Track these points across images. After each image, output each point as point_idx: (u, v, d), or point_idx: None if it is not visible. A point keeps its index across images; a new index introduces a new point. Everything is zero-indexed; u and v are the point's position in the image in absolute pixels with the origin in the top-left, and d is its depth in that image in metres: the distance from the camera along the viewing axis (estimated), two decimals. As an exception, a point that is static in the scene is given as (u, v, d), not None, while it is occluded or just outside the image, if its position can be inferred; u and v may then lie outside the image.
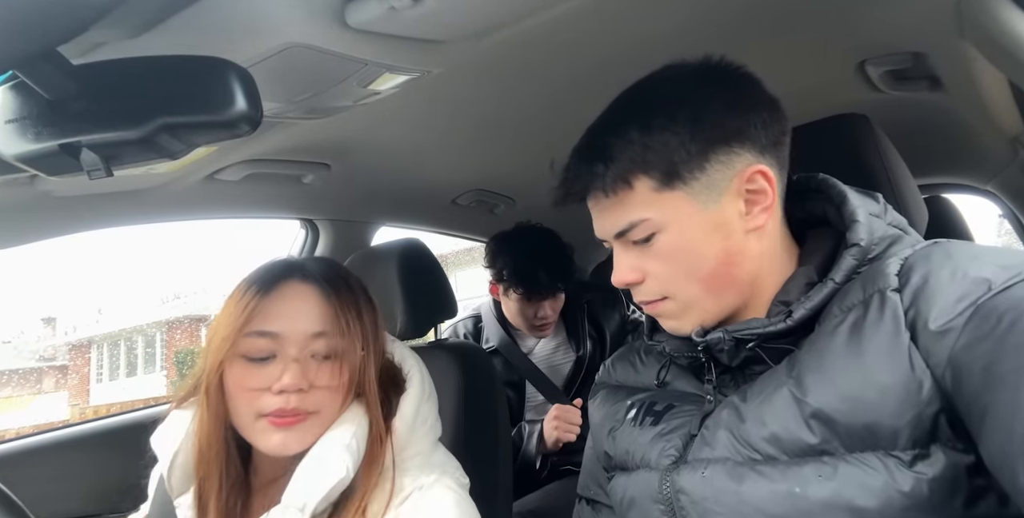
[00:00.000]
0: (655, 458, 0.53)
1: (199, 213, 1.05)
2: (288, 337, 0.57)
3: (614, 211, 0.52)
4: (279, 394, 0.55)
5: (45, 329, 6.36)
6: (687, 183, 0.50)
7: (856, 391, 0.43)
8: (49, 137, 0.44)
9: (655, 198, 0.50)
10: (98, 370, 6.41)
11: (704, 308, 0.52)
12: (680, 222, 0.50)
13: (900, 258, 0.47)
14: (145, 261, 11.85)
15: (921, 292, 0.43)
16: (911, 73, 0.86)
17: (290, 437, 0.56)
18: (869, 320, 0.45)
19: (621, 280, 0.54)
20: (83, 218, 0.89)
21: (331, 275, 0.62)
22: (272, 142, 0.87)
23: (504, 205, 1.51)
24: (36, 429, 0.97)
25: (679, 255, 0.51)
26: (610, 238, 0.54)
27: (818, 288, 0.49)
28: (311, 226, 1.31)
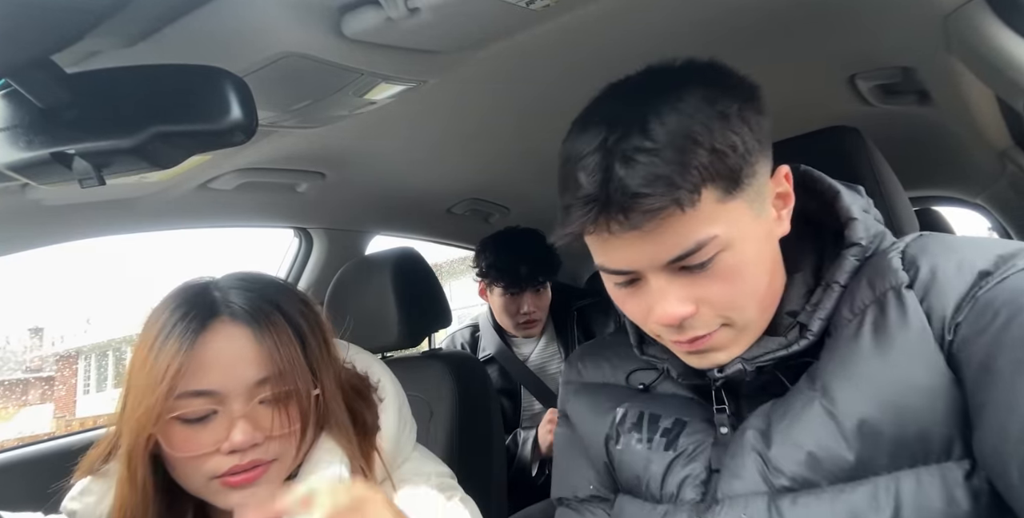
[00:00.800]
0: (677, 490, 0.47)
1: (192, 222, 1.05)
2: (228, 392, 0.49)
3: (673, 232, 0.42)
4: (230, 454, 0.48)
5: (32, 339, 6.26)
6: (744, 191, 0.43)
7: (897, 397, 0.39)
8: (41, 145, 0.44)
9: (720, 211, 0.42)
10: (85, 381, 6.30)
11: (755, 330, 0.47)
12: (744, 234, 0.44)
13: (897, 251, 0.45)
14: (135, 270, 11.75)
15: (932, 287, 0.41)
16: (900, 87, 0.88)
17: (250, 492, 0.49)
18: (892, 320, 0.41)
19: (676, 315, 0.43)
20: (74, 227, 0.88)
21: (258, 305, 0.51)
22: (267, 151, 0.87)
23: (498, 214, 1.51)
24: (20, 442, 0.94)
25: (743, 274, 0.44)
26: (651, 267, 0.44)
27: (826, 295, 0.46)
28: (305, 235, 1.30)
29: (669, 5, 0.62)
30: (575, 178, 0.43)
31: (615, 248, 0.44)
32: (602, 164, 0.41)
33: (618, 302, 0.49)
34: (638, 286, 0.46)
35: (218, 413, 0.49)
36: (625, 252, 0.44)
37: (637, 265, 0.44)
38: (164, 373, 0.47)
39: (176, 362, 0.47)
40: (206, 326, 0.49)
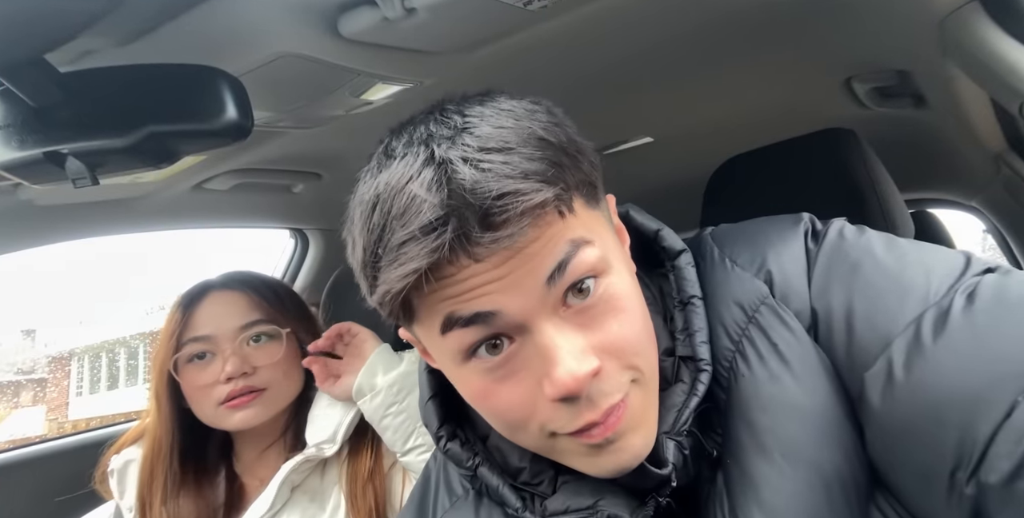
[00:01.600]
0: None
1: (187, 223, 1.04)
2: (218, 336, 0.68)
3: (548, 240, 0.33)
4: (227, 382, 0.66)
5: (24, 341, 6.22)
6: (599, 201, 0.37)
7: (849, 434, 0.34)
8: (34, 145, 0.43)
9: (588, 219, 0.35)
10: (78, 383, 6.27)
11: (656, 392, 0.37)
12: (616, 258, 0.36)
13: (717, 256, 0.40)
14: (129, 271, 11.69)
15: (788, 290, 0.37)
16: (896, 90, 0.88)
17: (249, 412, 0.67)
18: (789, 341, 0.36)
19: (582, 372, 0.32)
20: (67, 227, 0.87)
21: (246, 279, 0.73)
22: (262, 151, 0.86)
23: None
24: (11, 444, 0.94)
25: (630, 305, 0.35)
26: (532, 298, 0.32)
27: (691, 313, 0.38)
28: (301, 236, 1.29)
29: (666, 7, 0.62)
30: (401, 208, 0.31)
31: (473, 282, 0.32)
32: (439, 179, 0.31)
33: (482, 397, 0.36)
34: (511, 356, 0.34)
35: (215, 354, 0.67)
36: (492, 284, 0.32)
37: (515, 300, 0.32)
38: (172, 329, 0.68)
39: (179, 321, 0.68)
40: (201, 296, 0.70)
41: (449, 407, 0.42)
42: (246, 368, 0.66)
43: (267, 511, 0.64)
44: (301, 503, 0.67)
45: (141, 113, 0.43)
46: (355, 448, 0.69)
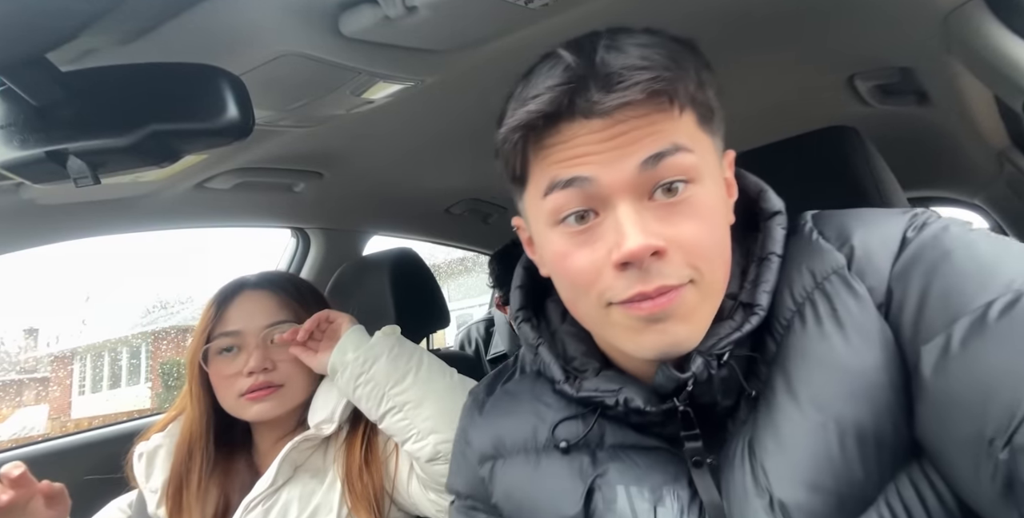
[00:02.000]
0: None
1: (188, 222, 1.04)
2: (246, 332, 0.73)
3: (654, 129, 0.37)
4: (249, 375, 0.71)
5: (27, 340, 6.25)
6: (714, 134, 0.40)
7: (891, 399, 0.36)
8: (35, 144, 0.43)
9: (696, 135, 0.39)
10: (80, 382, 6.29)
11: (715, 304, 0.40)
12: (711, 176, 0.39)
13: (814, 231, 0.42)
14: (131, 271, 11.72)
15: (868, 265, 0.39)
16: (899, 87, 0.88)
17: (266, 406, 0.72)
18: (852, 308, 0.38)
19: (647, 246, 0.36)
20: (69, 227, 0.88)
21: (277, 280, 0.79)
22: (264, 150, 0.86)
23: (497, 214, 1.51)
24: (14, 443, 0.94)
25: (715, 219, 0.39)
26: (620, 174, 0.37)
27: (765, 267, 0.41)
28: (302, 235, 1.29)
29: (668, 4, 0.62)
30: (542, 73, 0.38)
31: (579, 147, 0.37)
32: (577, 54, 0.37)
33: (565, 258, 0.40)
34: (592, 227, 0.38)
35: (241, 349, 0.73)
36: (592, 150, 0.37)
37: (605, 169, 0.37)
38: (206, 323, 0.74)
39: (213, 316, 0.74)
40: (236, 294, 0.75)
41: (531, 299, 0.49)
42: (267, 363, 0.72)
43: (269, 486, 0.69)
44: (302, 480, 0.71)
45: (143, 112, 0.42)
46: (352, 431, 0.74)
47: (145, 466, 0.73)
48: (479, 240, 1.76)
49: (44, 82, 0.41)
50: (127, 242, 6.74)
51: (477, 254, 1.98)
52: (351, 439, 0.73)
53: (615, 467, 0.44)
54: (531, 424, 0.48)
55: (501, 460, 0.49)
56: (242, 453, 0.76)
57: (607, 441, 0.45)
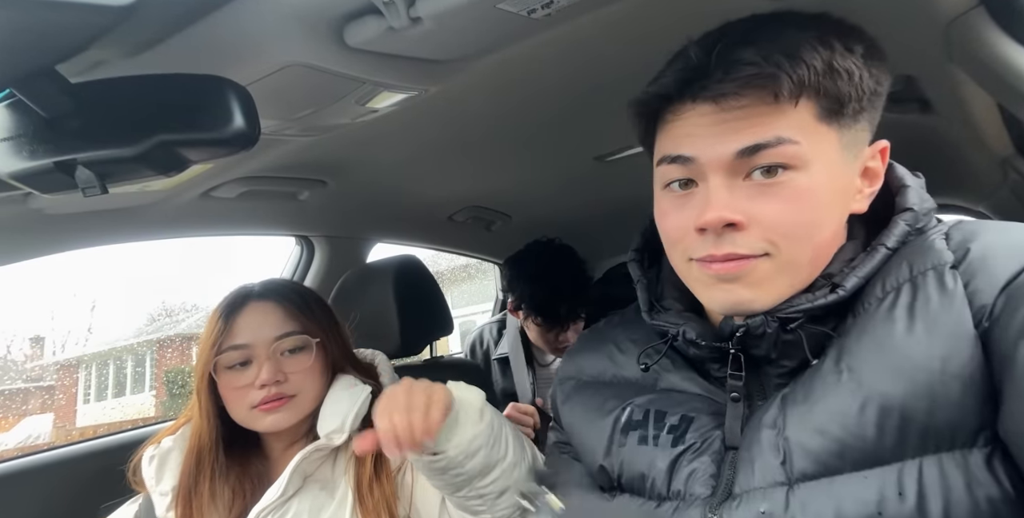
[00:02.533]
0: (685, 486, 0.45)
1: (194, 230, 1.05)
2: (255, 345, 0.72)
3: (761, 121, 0.41)
4: (260, 388, 0.71)
5: (33, 349, 6.27)
6: (843, 126, 0.42)
7: (937, 385, 0.37)
8: (44, 155, 0.44)
9: (812, 127, 0.41)
10: (85, 390, 6.30)
11: (796, 279, 0.43)
12: (826, 165, 0.42)
13: (940, 232, 0.43)
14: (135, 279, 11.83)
15: (981, 270, 0.38)
16: (902, 95, 0.88)
17: (279, 416, 0.72)
18: (933, 302, 0.39)
19: (721, 218, 0.41)
20: (76, 236, 0.88)
21: (282, 289, 0.78)
22: (269, 159, 0.87)
23: (500, 222, 1.52)
24: (20, 451, 0.94)
25: (811, 204, 0.42)
26: (717, 157, 0.42)
27: (868, 255, 0.43)
28: (306, 242, 1.30)
29: (667, 14, 0.62)
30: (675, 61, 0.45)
31: (688, 127, 0.43)
32: (711, 44, 0.43)
33: (663, 216, 0.47)
34: (691, 194, 0.45)
35: (252, 362, 0.72)
36: (698, 133, 0.43)
37: (705, 151, 0.42)
38: (214, 336, 0.72)
39: (219, 329, 0.72)
40: (242, 305, 0.74)
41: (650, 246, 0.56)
42: (279, 376, 0.71)
43: (279, 497, 0.68)
44: (312, 491, 0.70)
45: (150, 122, 0.43)
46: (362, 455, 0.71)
47: (156, 469, 0.73)
48: (482, 247, 1.77)
49: (54, 93, 0.42)
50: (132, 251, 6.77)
51: (480, 261, 1.98)
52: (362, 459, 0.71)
53: (655, 399, 0.51)
54: (604, 363, 0.57)
55: (576, 381, 0.58)
56: (253, 460, 0.76)
57: (660, 384, 0.52)
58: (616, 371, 0.56)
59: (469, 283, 5.44)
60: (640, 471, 0.48)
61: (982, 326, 0.37)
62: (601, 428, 0.52)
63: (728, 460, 0.44)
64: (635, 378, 0.53)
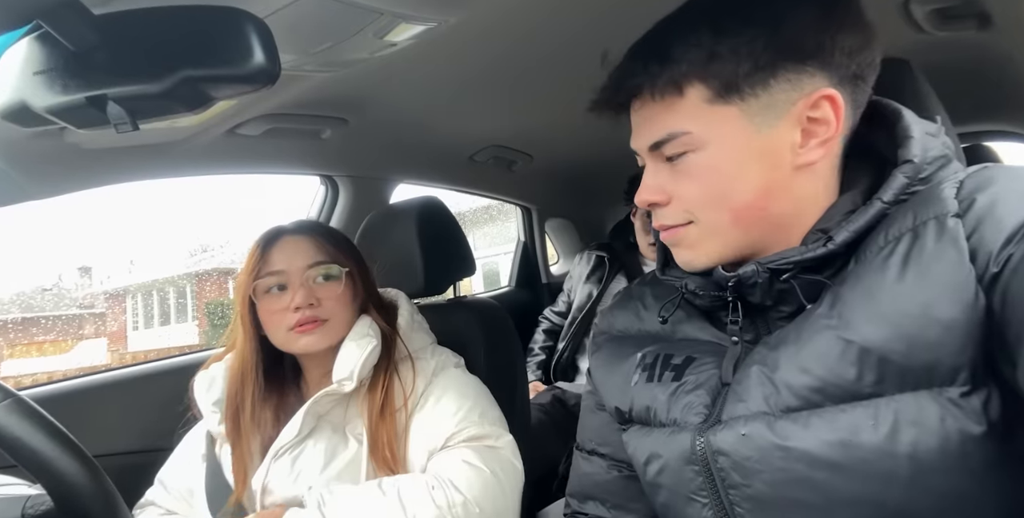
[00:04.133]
0: (681, 415, 0.49)
1: (222, 167, 1.07)
2: (290, 271, 0.77)
3: (656, 119, 0.47)
4: (295, 311, 0.76)
5: (82, 278, 6.69)
6: (744, 100, 0.45)
7: (916, 329, 0.39)
8: (76, 89, 0.45)
9: (704, 111, 0.45)
10: (134, 318, 6.75)
11: (726, 240, 0.48)
12: (725, 142, 0.46)
13: (955, 181, 0.42)
14: (173, 215, 12.24)
15: (988, 217, 0.38)
16: (959, 11, 0.80)
17: (312, 338, 0.76)
18: (927, 250, 0.40)
19: (643, 200, 0.50)
20: (111, 171, 0.91)
21: (313, 226, 0.84)
22: (290, 96, 0.87)
23: (521, 161, 1.50)
24: (81, 371, 1.04)
25: (714, 178, 0.46)
26: (643, 151, 0.50)
27: (863, 210, 0.44)
28: (331, 183, 1.32)
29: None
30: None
31: (633, 128, 0.51)
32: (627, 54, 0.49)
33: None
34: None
35: (287, 288, 0.77)
36: (633, 133, 0.51)
37: (635, 146, 0.51)
38: (252, 264, 0.78)
39: (258, 258, 0.79)
40: (277, 238, 0.80)
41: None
42: (312, 300, 0.76)
43: (295, 436, 0.73)
44: (325, 432, 0.75)
45: (174, 57, 0.43)
46: (372, 387, 0.77)
47: (206, 391, 0.79)
48: (504, 188, 1.76)
49: (79, 26, 0.42)
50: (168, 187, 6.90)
51: (502, 202, 1.98)
52: (371, 396, 0.76)
53: (667, 345, 0.56)
54: (631, 319, 0.62)
55: (608, 336, 0.64)
56: (291, 387, 0.82)
57: (676, 335, 0.56)
58: (640, 326, 0.60)
59: (491, 225, 5.45)
60: (646, 404, 0.53)
61: (988, 271, 0.37)
62: (619, 372, 0.58)
63: (722, 394, 0.48)
64: (656, 331, 0.58)
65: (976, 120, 1.37)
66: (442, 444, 0.73)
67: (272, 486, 0.72)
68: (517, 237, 2.04)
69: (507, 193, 1.82)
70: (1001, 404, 0.37)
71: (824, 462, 0.41)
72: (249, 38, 0.43)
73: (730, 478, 0.45)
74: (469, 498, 0.67)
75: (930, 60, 0.70)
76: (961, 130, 1.38)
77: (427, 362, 0.80)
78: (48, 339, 3.91)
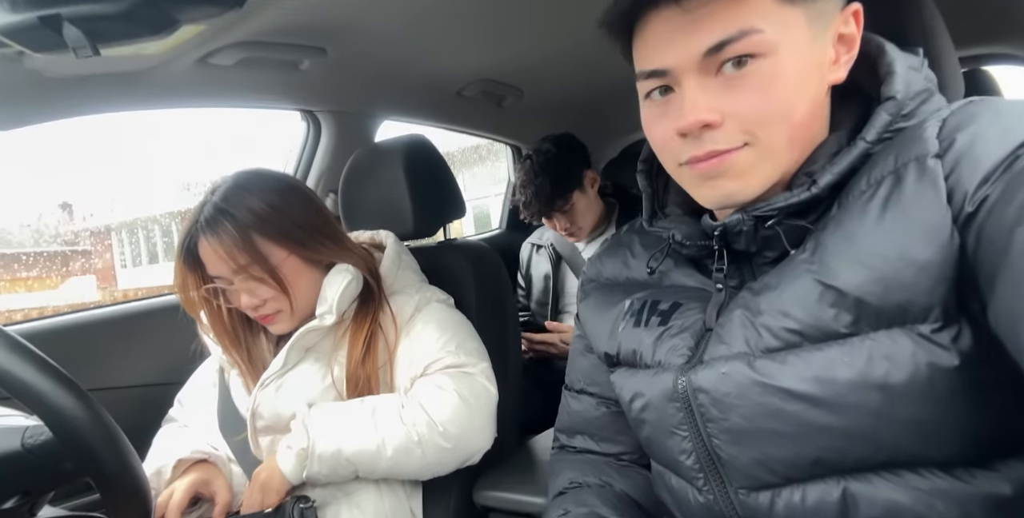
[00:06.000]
0: (665, 357, 0.51)
1: (195, 99, 1.02)
2: (224, 276, 0.74)
3: (721, 15, 0.42)
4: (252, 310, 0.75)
5: (63, 214, 6.53)
6: (807, 3, 0.43)
7: (892, 271, 0.39)
8: (25, 7, 0.42)
9: (774, 10, 0.42)
10: (120, 256, 6.70)
11: (778, 163, 0.45)
12: (792, 46, 0.43)
13: (938, 119, 0.42)
14: (152, 151, 11.73)
15: (966, 156, 0.38)
16: None
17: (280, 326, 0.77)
18: (907, 192, 0.40)
19: (698, 121, 0.43)
20: (75, 102, 0.87)
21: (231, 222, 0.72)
22: (263, 22, 0.81)
23: (511, 97, 1.44)
24: (71, 308, 1.04)
25: (782, 88, 0.43)
26: (690, 61, 0.44)
27: (846, 151, 0.44)
28: (312, 118, 1.27)
29: None
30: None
31: (657, 37, 0.45)
32: None
33: (648, 126, 0.50)
34: (669, 100, 0.47)
35: (229, 288, 0.75)
36: (666, 42, 0.45)
37: (675, 59, 0.44)
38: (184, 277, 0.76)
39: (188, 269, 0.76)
40: (196, 242, 0.74)
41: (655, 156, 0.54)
42: (255, 302, 0.74)
43: (281, 367, 0.77)
44: (308, 361, 0.78)
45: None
46: (357, 322, 0.79)
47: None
48: (493, 126, 1.70)
49: (20, -65, 0.38)
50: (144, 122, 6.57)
51: (491, 142, 1.92)
52: (355, 330, 0.77)
53: (655, 292, 0.56)
54: (619, 267, 0.62)
55: (596, 283, 0.65)
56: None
57: (664, 283, 0.57)
58: (628, 274, 0.61)
59: (480, 165, 5.34)
60: (632, 347, 0.55)
61: (963, 211, 0.37)
62: (607, 318, 0.59)
63: (705, 337, 0.50)
64: (643, 279, 0.59)
65: (977, 43, 1.32)
66: (422, 371, 0.77)
67: (260, 411, 0.77)
68: (507, 178, 2.01)
69: (497, 131, 1.77)
70: (971, 337, 0.38)
71: (798, 395, 0.42)
72: (211, -47, 0.39)
73: (709, 413, 0.47)
74: (434, 419, 0.72)
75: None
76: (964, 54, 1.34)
77: (411, 297, 0.82)
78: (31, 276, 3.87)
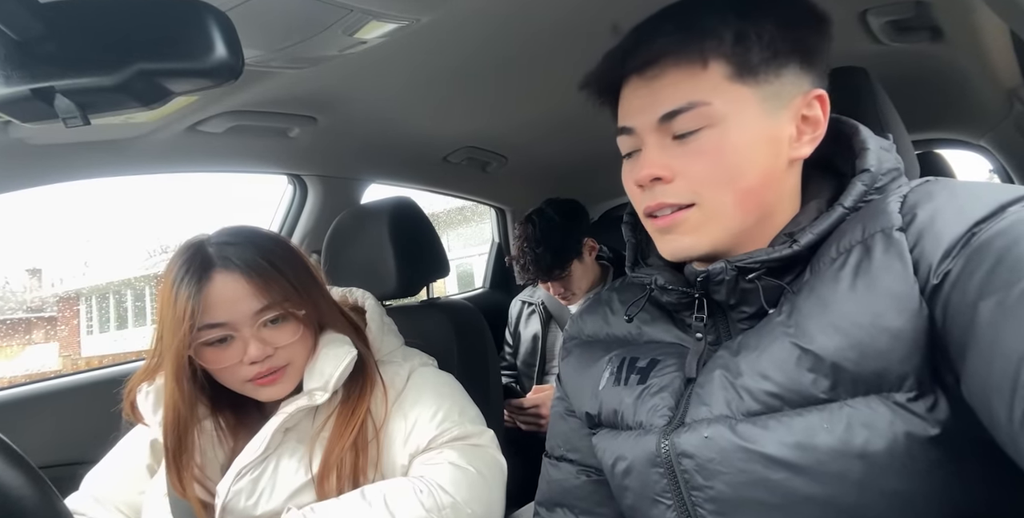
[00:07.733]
0: (647, 418, 0.51)
1: (182, 165, 1.03)
2: (236, 321, 0.65)
3: (675, 87, 0.47)
4: (252, 364, 0.66)
5: (31, 280, 6.32)
6: (759, 84, 0.47)
7: (866, 338, 0.41)
8: (20, 81, 0.42)
9: (724, 87, 0.46)
10: (88, 322, 6.45)
11: (726, 225, 0.48)
12: (740, 120, 0.47)
13: (899, 195, 0.45)
14: (130, 214, 11.64)
15: (927, 231, 0.41)
16: (913, 23, 0.84)
17: (277, 388, 0.69)
18: (876, 261, 0.42)
19: (647, 174, 0.48)
20: (60, 168, 0.87)
21: (247, 255, 0.66)
22: (256, 93, 0.84)
23: (496, 162, 1.49)
24: (28, 378, 0.97)
25: (727, 157, 0.47)
26: (648, 125, 0.48)
27: (825, 215, 0.47)
28: (299, 182, 1.28)
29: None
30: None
31: (628, 102, 0.50)
32: (640, 25, 0.50)
33: (623, 181, 0.53)
34: (637, 158, 0.51)
35: (234, 337, 0.65)
36: (634, 107, 0.50)
37: (639, 121, 0.49)
38: (184, 314, 0.62)
39: (190, 305, 0.63)
40: (207, 277, 0.64)
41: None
42: (268, 350, 0.66)
43: (261, 454, 0.68)
44: (290, 444, 0.70)
45: (128, 49, 0.41)
46: (345, 397, 0.71)
47: (153, 405, 0.69)
48: (478, 189, 1.75)
49: (22, 13, 0.39)
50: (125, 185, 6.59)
51: (476, 204, 1.97)
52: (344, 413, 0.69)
53: (633, 349, 0.57)
54: (600, 324, 0.63)
55: (578, 341, 0.65)
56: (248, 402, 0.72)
57: (642, 338, 0.58)
58: (608, 330, 0.62)
59: (465, 226, 5.42)
60: (613, 407, 0.55)
61: (929, 283, 0.39)
62: (589, 376, 0.59)
63: (685, 395, 0.50)
64: (623, 335, 0.60)
65: (928, 128, 1.45)
66: (425, 446, 0.70)
67: (232, 506, 0.66)
68: (491, 238, 2.04)
69: (481, 194, 1.81)
70: (948, 408, 0.39)
71: (781, 462, 0.42)
72: (210, 31, 0.41)
73: (693, 480, 0.46)
74: (458, 500, 0.65)
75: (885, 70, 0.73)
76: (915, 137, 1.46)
77: (401, 366, 0.76)
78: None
